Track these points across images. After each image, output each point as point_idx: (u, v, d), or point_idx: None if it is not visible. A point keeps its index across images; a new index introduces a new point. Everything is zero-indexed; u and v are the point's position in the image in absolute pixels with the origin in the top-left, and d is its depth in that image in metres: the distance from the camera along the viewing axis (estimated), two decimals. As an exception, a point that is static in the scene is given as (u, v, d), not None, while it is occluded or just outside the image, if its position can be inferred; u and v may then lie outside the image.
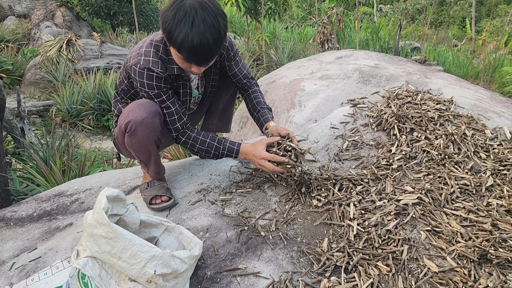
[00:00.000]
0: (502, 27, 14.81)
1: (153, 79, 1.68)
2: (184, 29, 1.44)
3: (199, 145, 1.86)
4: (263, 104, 2.08)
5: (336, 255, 1.56)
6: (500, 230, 1.63)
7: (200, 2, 1.47)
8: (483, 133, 2.21)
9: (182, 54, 1.52)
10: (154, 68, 1.66)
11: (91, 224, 1.26)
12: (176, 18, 1.45)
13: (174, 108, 1.79)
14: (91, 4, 11.00)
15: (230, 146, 1.88)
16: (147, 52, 1.67)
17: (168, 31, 1.48)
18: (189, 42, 1.46)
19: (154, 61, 1.67)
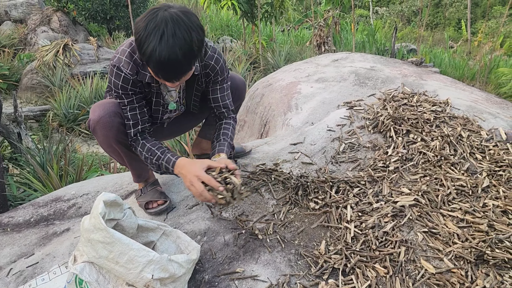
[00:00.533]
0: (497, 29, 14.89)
1: (120, 79, 1.61)
2: (153, 42, 1.35)
3: (145, 153, 1.72)
4: (229, 138, 1.89)
5: (333, 258, 1.57)
6: (496, 231, 1.64)
7: (172, 14, 1.38)
8: (479, 134, 2.22)
9: (151, 67, 1.44)
10: (124, 68, 1.60)
11: (88, 229, 1.26)
12: (146, 30, 1.36)
13: (131, 114, 1.70)
14: (87, 9, 10.99)
15: (169, 157, 1.69)
16: (123, 51, 1.61)
17: (138, 42, 1.40)
18: (157, 56, 1.35)
19: (126, 62, 1.60)
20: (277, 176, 2.06)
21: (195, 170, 1.57)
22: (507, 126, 2.26)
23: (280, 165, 2.19)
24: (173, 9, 1.41)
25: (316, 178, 2.03)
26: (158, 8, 1.41)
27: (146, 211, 1.90)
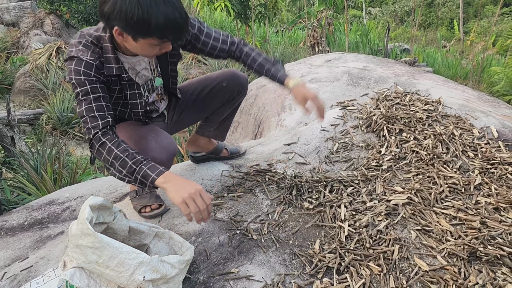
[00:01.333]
0: (490, 28, 15.00)
1: (82, 65, 1.47)
2: (161, 9, 1.32)
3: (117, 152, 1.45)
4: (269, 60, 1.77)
5: (328, 257, 1.57)
6: (488, 228, 1.65)
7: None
8: (471, 132, 2.24)
9: (167, 36, 1.40)
10: (84, 56, 1.48)
11: (75, 235, 1.25)
12: (143, 6, 1.31)
13: (96, 105, 1.49)
14: (80, 12, 10.95)
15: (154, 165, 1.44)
16: (76, 43, 1.51)
17: (140, 23, 1.33)
18: (172, 19, 1.34)
19: (84, 50, 1.49)
20: (271, 176, 2.06)
21: (195, 184, 1.40)
22: (499, 124, 2.28)
23: (274, 165, 2.20)
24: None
25: (310, 178, 2.04)
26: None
27: (139, 214, 1.89)
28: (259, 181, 2.05)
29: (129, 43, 1.46)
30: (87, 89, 1.48)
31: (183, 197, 1.36)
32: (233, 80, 1.98)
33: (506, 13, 19.21)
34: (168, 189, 1.38)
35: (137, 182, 1.46)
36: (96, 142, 1.48)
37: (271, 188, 2.01)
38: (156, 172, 1.41)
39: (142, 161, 1.44)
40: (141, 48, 1.46)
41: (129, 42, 1.45)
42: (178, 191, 1.37)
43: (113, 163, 1.46)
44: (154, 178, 1.41)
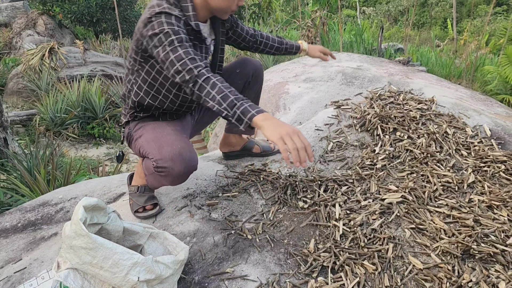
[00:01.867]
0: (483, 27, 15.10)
1: (172, 18, 1.52)
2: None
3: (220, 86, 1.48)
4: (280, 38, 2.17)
5: (322, 256, 1.57)
6: (482, 226, 1.66)
7: None
8: (464, 131, 2.26)
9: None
10: (173, 11, 1.54)
11: (69, 236, 1.25)
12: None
13: (192, 50, 1.53)
14: (73, 12, 10.90)
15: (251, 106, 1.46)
16: (160, 3, 1.56)
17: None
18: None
19: (170, 8, 1.55)
20: (265, 176, 2.06)
21: (295, 128, 1.41)
22: (491, 123, 2.30)
23: (268, 165, 2.20)
24: None
25: (304, 177, 2.04)
26: None
27: (135, 215, 1.89)
28: (254, 181, 2.05)
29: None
30: (181, 37, 1.51)
31: (281, 134, 1.36)
32: (245, 65, 2.05)
33: (498, 13, 19.36)
34: (266, 127, 1.39)
35: (234, 117, 1.46)
36: (200, 78, 1.48)
37: (266, 187, 2.01)
38: (256, 110, 1.43)
39: (243, 98, 1.48)
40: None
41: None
42: (276, 128, 1.38)
43: (214, 97, 1.46)
44: (254, 115, 1.42)
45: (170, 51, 1.49)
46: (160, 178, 1.67)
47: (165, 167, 1.59)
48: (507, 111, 2.64)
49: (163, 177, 1.66)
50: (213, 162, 2.31)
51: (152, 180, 1.75)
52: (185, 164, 1.61)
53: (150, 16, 1.52)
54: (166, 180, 1.67)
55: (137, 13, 12.92)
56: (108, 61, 8.61)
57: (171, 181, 1.68)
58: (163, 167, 1.60)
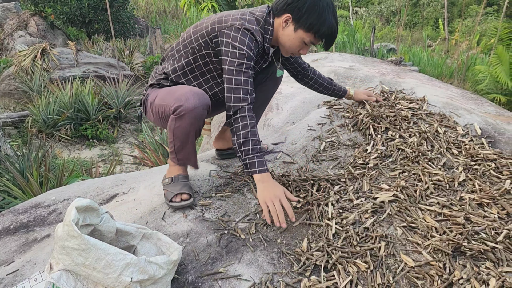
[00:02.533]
0: (474, 27, 15.22)
1: (253, 42, 1.75)
2: (328, 18, 1.73)
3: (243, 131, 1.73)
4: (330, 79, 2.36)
5: (315, 255, 1.58)
6: (472, 223, 1.68)
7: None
8: (455, 130, 2.28)
9: (324, 39, 1.79)
10: (257, 35, 1.77)
11: (62, 237, 1.24)
12: (319, 8, 1.71)
13: (251, 81, 1.78)
14: (65, 13, 10.85)
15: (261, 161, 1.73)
16: (251, 21, 1.77)
17: (311, 20, 1.72)
18: (332, 29, 1.76)
19: (257, 30, 1.78)
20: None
21: (279, 191, 1.67)
22: (482, 122, 2.32)
23: (261, 165, 2.20)
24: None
25: (297, 177, 2.05)
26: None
27: (168, 203, 1.89)
28: (247, 180, 2.06)
29: (285, 31, 1.81)
30: (251, 65, 1.76)
31: (265, 199, 1.66)
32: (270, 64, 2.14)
33: (489, 13, 19.53)
34: (258, 188, 1.70)
35: (243, 161, 1.76)
36: (240, 112, 1.75)
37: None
38: (260, 169, 1.72)
39: (258, 151, 1.73)
40: (292, 39, 1.80)
41: (286, 31, 1.80)
42: (263, 192, 1.68)
43: (239, 135, 1.74)
44: (255, 172, 1.72)
45: (236, 71, 1.74)
46: (181, 123, 1.77)
47: (181, 104, 1.73)
48: (497, 110, 2.67)
49: (182, 119, 1.76)
50: (207, 163, 2.32)
51: (178, 133, 1.82)
52: (198, 97, 1.75)
53: (239, 28, 1.73)
54: (186, 121, 1.76)
55: (129, 14, 12.88)
56: (101, 62, 8.58)
57: (190, 121, 1.76)
58: (179, 106, 1.74)
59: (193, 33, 1.87)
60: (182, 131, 1.81)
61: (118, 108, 6.66)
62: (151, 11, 18.59)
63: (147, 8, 18.62)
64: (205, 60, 1.88)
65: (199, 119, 1.78)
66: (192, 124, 1.78)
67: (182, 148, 1.90)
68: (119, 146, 6.22)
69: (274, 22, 1.82)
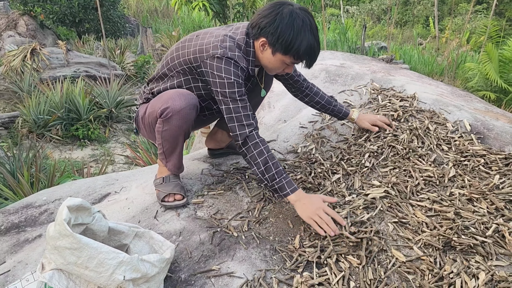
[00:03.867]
0: (463, 25, 15.35)
1: (238, 69, 1.71)
2: (307, 36, 1.63)
3: (260, 159, 1.71)
4: (330, 97, 2.21)
5: (308, 251, 1.60)
6: (462, 218, 1.70)
7: (301, 9, 1.67)
8: (445, 126, 2.30)
9: (304, 59, 1.70)
10: (240, 62, 1.72)
11: (53, 236, 1.24)
12: (296, 28, 1.61)
13: (249, 105, 1.75)
14: (55, 12, 10.76)
15: (290, 181, 1.71)
16: (232, 47, 1.72)
17: (288, 42, 1.62)
18: (312, 47, 1.66)
19: (239, 56, 1.72)
20: (251, 174, 2.07)
21: (318, 202, 1.66)
22: (471, 118, 2.34)
23: (254, 163, 2.21)
24: (294, 4, 1.67)
25: (290, 173, 2.06)
26: (283, 5, 1.65)
27: (161, 203, 1.89)
28: (239, 178, 2.06)
29: (264, 55, 1.74)
30: (243, 91, 1.73)
31: (310, 215, 1.63)
32: None
33: (479, 11, 19.68)
34: (298, 208, 1.68)
35: (271, 188, 1.73)
36: (250, 139, 1.72)
37: (251, 185, 2.02)
38: (291, 189, 1.69)
39: (282, 173, 1.70)
40: (273, 62, 1.74)
41: (265, 54, 1.73)
42: (305, 210, 1.65)
43: (258, 163, 1.71)
44: (288, 193, 1.69)
45: (231, 101, 1.71)
46: (169, 125, 1.76)
47: (167, 107, 1.73)
48: (486, 106, 2.70)
49: (170, 121, 1.75)
50: (199, 161, 2.32)
51: (167, 135, 1.81)
52: (184, 97, 1.74)
53: (221, 57, 1.68)
54: (173, 124, 1.75)
55: (120, 13, 12.81)
56: (92, 62, 8.52)
57: (178, 123, 1.75)
58: (165, 108, 1.73)
59: (176, 57, 1.84)
60: (170, 133, 1.80)
61: (110, 108, 6.62)
62: (142, 10, 18.49)
63: (138, 7, 18.52)
64: (197, 84, 1.87)
65: (187, 119, 1.76)
66: (180, 126, 1.77)
67: (172, 152, 1.89)
68: (111, 146, 6.19)
69: (253, 43, 1.76)
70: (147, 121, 1.91)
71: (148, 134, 1.99)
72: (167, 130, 1.79)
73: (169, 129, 1.78)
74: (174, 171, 1.95)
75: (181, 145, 1.88)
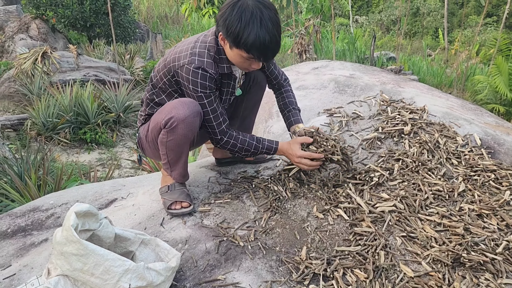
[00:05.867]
0: (473, 37, 15.30)
1: (206, 79, 1.74)
2: (254, 29, 1.57)
3: (240, 144, 1.92)
4: (295, 105, 2.18)
5: (314, 263, 1.58)
6: (472, 234, 1.68)
7: (260, 1, 1.61)
8: (455, 140, 2.28)
9: (253, 53, 1.63)
10: (209, 69, 1.73)
11: (60, 242, 1.24)
12: (243, 21, 1.57)
13: (219, 111, 1.85)
14: (67, 16, 10.87)
15: (268, 145, 1.96)
16: (201, 53, 1.74)
17: (236, 34, 1.60)
18: (261, 40, 1.58)
19: (208, 62, 1.74)
20: (258, 183, 2.06)
21: (295, 152, 1.91)
22: (481, 132, 2.32)
23: (261, 172, 2.20)
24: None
25: (297, 184, 2.04)
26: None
27: (167, 210, 1.88)
28: (246, 187, 2.05)
29: (226, 50, 1.74)
30: (211, 97, 1.79)
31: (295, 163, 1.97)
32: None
33: (489, 23, 19.65)
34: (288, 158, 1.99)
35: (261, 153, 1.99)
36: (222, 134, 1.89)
37: (258, 194, 2.01)
38: (275, 147, 1.97)
39: (259, 140, 1.95)
40: (234, 57, 1.72)
41: (226, 49, 1.73)
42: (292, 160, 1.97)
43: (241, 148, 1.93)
44: (277, 149, 1.98)
45: (201, 105, 1.78)
46: (174, 135, 1.76)
47: (171, 116, 1.72)
48: (497, 121, 2.68)
49: (175, 131, 1.74)
50: (206, 169, 2.31)
51: (172, 145, 1.80)
52: (187, 106, 1.74)
53: (189, 68, 1.72)
54: (178, 133, 1.75)
55: (130, 18, 12.92)
56: (101, 66, 8.59)
57: (183, 131, 1.75)
58: (169, 118, 1.73)
59: (157, 71, 1.90)
60: (176, 143, 1.79)
61: (118, 112, 6.65)
62: (152, 16, 18.65)
63: (149, 13, 18.69)
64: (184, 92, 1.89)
65: (192, 127, 1.76)
66: (185, 134, 1.76)
67: (177, 162, 1.88)
68: (118, 150, 6.21)
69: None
70: (151, 138, 1.91)
71: (153, 151, 1.99)
72: (172, 140, 1.77)
73: (174, 139, 1.77)
74: (179, 179, 1.94)
75: (186, 153, 1.88)
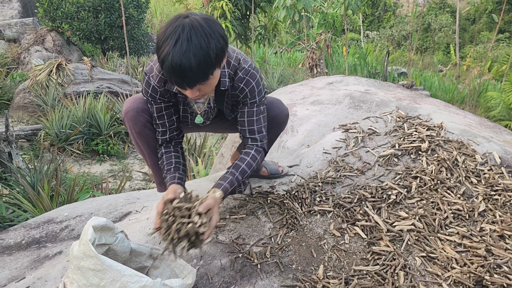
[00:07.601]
0: (485, 53, 15.23)
1: (150, 87, 1.69)
2: (168, 46, 1.32)
3: (159, 163, 1.85)
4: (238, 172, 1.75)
5: (332, 283, 1.54)
6: (494, 256, 1.63)
7: (193, 20, 1.35)
8: (474, 158, 2.24)
9: (168, 75, 1.39)
10: (153, 79, 1.66)
11: (77, 256, 1.23)
12: (165, 34, 1.34)
13: (160, 122, 1.79)
14: (82, 29, 11.04)
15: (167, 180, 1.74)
16: (156, 61, 1.66)
17: (157, 47, 1.39)
18: (169, 60, 1.32)
19: (155, 74, 1.66)
20: (273, 198, 2.04)
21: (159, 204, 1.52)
22: (501, 150, 2.28)
23: (276, 187, 2.18)
24: (195, 16, 1.38)
25: (312, 201, 2.02)
26: (181, 14, 1.40)
27: None
28: (261, 203, 2.03)
29: None
30: (153, 108, 1.76)
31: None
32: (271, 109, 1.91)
33: (501, 39, 19.56)
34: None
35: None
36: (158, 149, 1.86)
37: (273, 210, 1.98)
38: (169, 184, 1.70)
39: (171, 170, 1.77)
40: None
41: None
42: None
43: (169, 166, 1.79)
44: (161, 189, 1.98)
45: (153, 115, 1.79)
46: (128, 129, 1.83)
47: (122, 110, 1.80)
48: (516, 139, 2.63)
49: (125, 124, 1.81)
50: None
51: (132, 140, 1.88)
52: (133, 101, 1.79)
53: (145, 74, 1.71)
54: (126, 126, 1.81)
55: (144, 31, 13.09)
56: (115, 78, 8.68)
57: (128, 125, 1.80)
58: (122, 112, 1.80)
59: None
60: (132, 137, 1.85)
61: (130, 124, 6.68)
62: (165, 29, 18.87)
63: (161, 26, 18.93)
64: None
65: (135, 122, 1.78)
66: (130, 127, 1.80)
67: (149, 166, 1.93)
68: (129, 162, 6.23)
69: None
70: None
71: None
72: (129, 134, 1.84)
73: (130, 133, 1.84)
74: (158, 189, 1.95)
75: (147, 155, 1.90)
